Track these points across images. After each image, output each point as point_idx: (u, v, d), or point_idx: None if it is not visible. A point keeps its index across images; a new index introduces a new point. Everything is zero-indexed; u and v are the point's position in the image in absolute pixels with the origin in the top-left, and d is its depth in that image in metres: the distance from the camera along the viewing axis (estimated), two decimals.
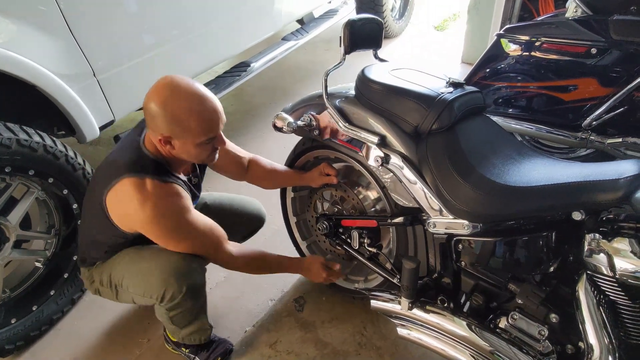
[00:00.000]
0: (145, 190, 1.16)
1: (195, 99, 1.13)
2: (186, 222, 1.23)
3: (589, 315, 0.99)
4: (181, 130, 1.14)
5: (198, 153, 1.21)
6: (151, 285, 1.27)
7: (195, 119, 1.13)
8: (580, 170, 1.03)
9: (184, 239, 1.25)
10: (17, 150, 1.44)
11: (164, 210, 1.18)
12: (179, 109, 1.11)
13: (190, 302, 1.31)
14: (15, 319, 1.60)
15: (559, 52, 1.75)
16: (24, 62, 1.51)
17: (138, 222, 1.20)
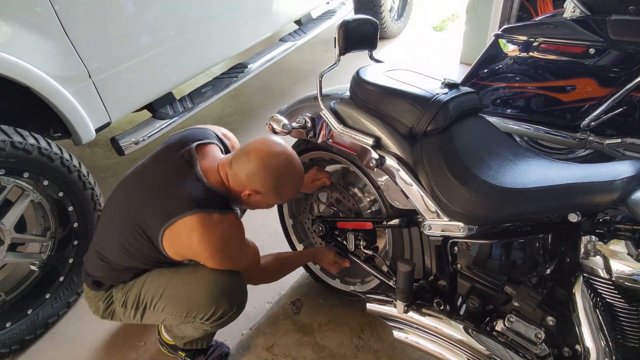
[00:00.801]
0: (213, 224, 1.17)
1: (288, 164, 1.25)
2: (245, 248, 1.31)
3: (585, 318, 0.98)
4: (277, 191, 1.26)
5: (265, 204, 1.33)
6: (198, 304, 1.25)
7: (289, 182, 1.27)
8: (576, 171, 1.02)
9: (240, 262, 1.30)
10: (11, 153, 1.43)
11: (229, 239, 1.22)
12: (277, 171, 1.23)
13: (235, 318, 1.33)
14: (10, 322, 1.59)
15: (557, 52, 1.74)
16: (18, 63, 1.50)
17: (201, 254, 1.21)
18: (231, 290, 1.27)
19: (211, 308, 1.25)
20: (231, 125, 3.09)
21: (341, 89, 1.42)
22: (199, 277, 1.27)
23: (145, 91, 2.07)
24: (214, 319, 1.27)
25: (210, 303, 1.24)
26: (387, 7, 4.01)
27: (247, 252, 1.33)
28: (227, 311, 1.27)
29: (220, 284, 1.25)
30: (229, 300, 1.26)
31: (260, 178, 1.21)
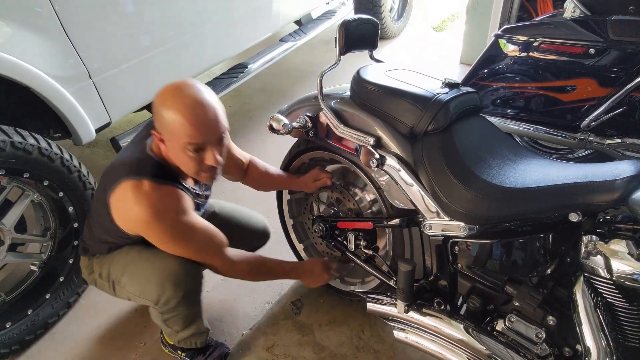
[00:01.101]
0: (142, 191, 1.14)
1: (190, 101, 1.09)
2: (184, 224, 1.20)
3: (586, 318, 0.98)
4: (165, 128, 1.11)
5: (186, 161, 1.14)
6: (148, 287, 1.27)
7: (177, 116, 1.07)
8: (576, 171, 1.02)
9: (182, 241, 1.22)
10: (11, 153, 1.43)
11: (160, 210, 1.15)
12: (172, 107, 1.08)
13: (184, 308, 1.31)
14: (10, 322, 1.59)
15: (557, 52, 1.74)
16: (19, 64, 1.50)
17: (137, 224, 1.18)
18: (179, 276, 1.24)
19: (158, 293, 1.25)
20: (231, 125, 3.06)
21: (342, 88, 1.42)
22: (155, 259, 1.26)
23: (146, 91, 2.07)
24: (161, 304, 1.27)
25: (157, 287, 1.25)
26: (387, 7, 4.01)
27: (193, 233, 1.22)
28: (172, 298, 1.25)
29: (170, 267, 1.24)
30: (173, 287, 1.23)
31: (158, 117, 1.12)
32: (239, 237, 1.56)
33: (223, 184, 2.35)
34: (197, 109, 1.09)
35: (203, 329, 1.46)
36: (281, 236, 1.87)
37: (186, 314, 1.33)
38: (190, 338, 1.45)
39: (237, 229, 1.61)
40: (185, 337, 1.44)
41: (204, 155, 1.14)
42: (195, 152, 1.12)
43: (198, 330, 1.44)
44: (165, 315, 1.31)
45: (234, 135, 2.92)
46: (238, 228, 1.62)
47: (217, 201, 1.68)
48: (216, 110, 1.12)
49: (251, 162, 1.59)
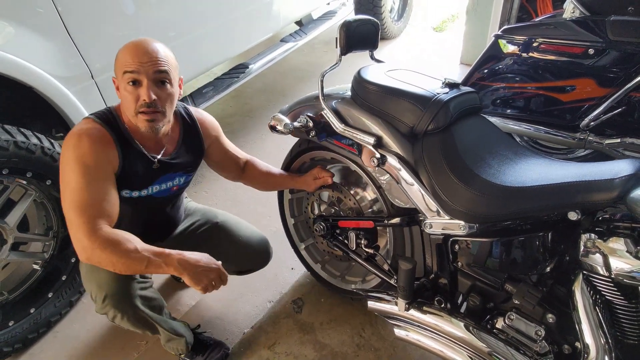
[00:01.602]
0: (83, 120, 1.21)
1: (135, 40, 1.16)
2: (88, 162, 1.13)
3: (585, 315, 0.99)
4: (115, 68, 1.16)
5: (126, 98, 1.15)
6: (87, 285, 1.26)
7: (120, 52, 1.15)
8: (575, 170, 1.03)
9: (70, 176, 1.13)
10: (14, 152, 1.44)
11: (81, 135, 1.15)
12: (120, 49, 1.16)
13: (113, 310, 1.23)
14: (13, 321, 1.60)
15: (557, 52, 1.75)
16: (22, 64, 1.51)
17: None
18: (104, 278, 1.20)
19: (89, 290, 1.25)
20: (232, 125, 3.11)
21: (342, 88, 1.43)
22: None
23: None
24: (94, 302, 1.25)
25: (89, 285, 1.24)
26: (387, 7, 4.02)
27: (86, 177, 1.12)
28: (97, 297, 1.22)
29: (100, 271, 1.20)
30: (98, 287, 1.21)
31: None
32: (236, 254, 1.52)
33: (224, 184, 2.36)
34: (137, 42, 1.15)
35: (174, 336, 1.43)
36: (282, 236, 1.88)
37: (120, 315, 1.25)
38: (168, 344, 1.47)
39: (236, 247, 1.53)
40: (164, 342, 1.46)
41: (139, 90, 1.14)
42: (132, 85, 1.13)
43: (169, 337, 1.43)
44: (106, 316, 1.27)
45: (235, 135, 2.95)
46: (237, 246, 1.53)
47: (224, 213, 1.62)
48: (157, 49, 1.16)
49: (251, 162, 1.59)
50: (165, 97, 1.17)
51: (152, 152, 1.29)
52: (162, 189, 1.35)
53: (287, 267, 1.97)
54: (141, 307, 1.27)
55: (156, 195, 1.34)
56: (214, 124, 1.47)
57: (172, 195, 1.42)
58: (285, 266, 1.97)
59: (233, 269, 1.58)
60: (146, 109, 1.14)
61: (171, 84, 1.19)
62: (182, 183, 1.41)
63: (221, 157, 1.51)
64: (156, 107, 1.15)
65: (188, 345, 1.49)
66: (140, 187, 1.29)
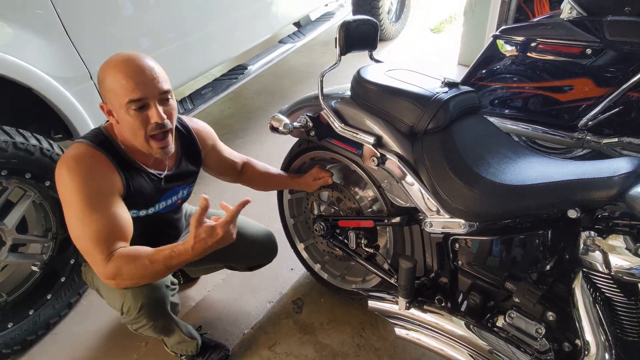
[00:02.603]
0: (73, 146, 1.13)
1: (120, 58, 1.07)
2: (89, 190, 1.07)
3: (585, 313, 0.99)
4: (107, 93, 1.08)
5: (132, 125, 1.08)
6: (114, 297, 1.24)
7: (112, 77, 1.06)
8: (575, 168, 1.03)
9: (75, 207, 1.08)
10: (13, 154, 1.44)
11: (75, 162, 1.09)
12: (108, 70, 1.07)
13: (147, 319, 1.23)
14: (12, 323, 1.60)
15: (555, 52, 1.76)
16: (21, 65, 1.51)
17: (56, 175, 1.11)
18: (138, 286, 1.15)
19: (120, 302, 1.21)
20: (231, 126, 3.11)
21: (342, 88, 1.44)
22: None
23: None
24: (125, 315, 1.23)
25: (120, 297, 1.20)
26: (385, 9, 4.04)
27: (92, 206, 1.07)
28: (132, 309, 1.20)
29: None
30: (134, 297, 1.19)
31: (100, 88, 1.11)
32: (245, 252, 1.53)
33: (223, 186, 2.36)
34: (130, 65, 1.07)
35: (188, 338, 1.45)
36: (282, 236, 1.88)
37: (152, 324, 1.26)
38: (179, 345, 1.47)
39: (244, 244, 1.50)
40: (175, 343, 1.45)
41: (147, 113, 1.09)
42: (138, 111, 1.07)
43: (182, 340, 1.44)
44: (131, 325, 1.27)
45: (234, 136, 2.95)
46: (245, 243, 1.51)
47: (220, 212, 1.63)
48: (152, 66, 1.10)
49: (248, 163, 1.59)
50: (170, 113, 1.15)
51: (153, 169, 1.27)
52: (168, 204, 1.35)
53: (286, 268, 1.96)
54: (171, 315, 1.30)
55: (162, 211, 1.35)
56: (210, 132, 1.46)
57: (176, 208, 1.43)
58: (285, 266, 1.97)
59: (244, 266, 1.61)
60: (157, 132, 1.11)
61: (173, 98, 1.17)
62: (185, 195, 1.42)
63: (218, 163, 1.51)
64: (167, 126, 1.13)
65: (198, 347, 1.50)
66: (147, 206, 1.28)
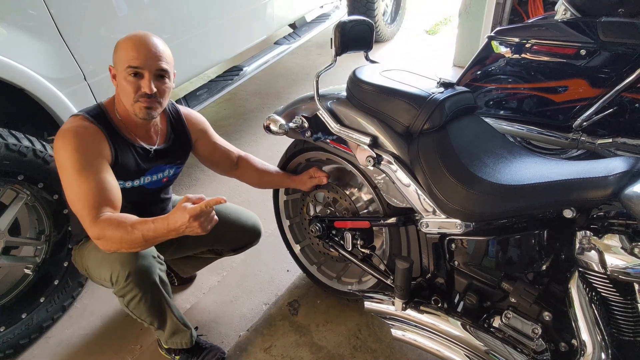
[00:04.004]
0: (70, 118, 1.25)
1: (137, 33, 1.22)
2: (83, 157, 1.17)
3: (581, 313, 0.99)
4: (115, 58, 1.22)
5: (125, 88, 1.20)
6: (102, 269, 1.28)
7: (123, 45, 1.20)
8: (570, 168, 1.04)
9: (70, 172, 1.17)
10: (5, 155, 1.42)
11: (70, 132, 1.19)
12: (123, 40, 1.21)
13: (137, 288, 1.25)
14: (4, 327, 1.58)
15: (549, 53, 1.76)
16: (13, 65, 1.50)
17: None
18: (125, 255, 1.22)
19: (109, 273, 1.25)
20: (226, 128, 3.10)
21: (337, 89, 1.43)
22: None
23: None
24: (114, 284, 1.27)
25: (108, 268, 1.25)
26: (381, 10, 4.05)
27: (84, 172, 1.16)
28: (121, 277, 1.24)
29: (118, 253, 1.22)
30: (122, 266, 1.23)
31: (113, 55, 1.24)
32: (225, 234, 1.55)
33: (219, 186, 2.36)
34: (141, 38, 1.21)
35: (183, 328, 1.45)
36: (278, 237, 1.87)
37: (141, 295, 1.27)
38: (174, 337, 1.46)
39: (226, 226, 1.52)
40: (169, 336, 1.44)
41: (140, 82, 1.20)
42: (133, 77, 1.19)
43: (177, 329, 1.43)
44: (123, 299, 1.28)
45: (229, 137, 2.94)
46: (227, 225, 1.54)
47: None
48: (161, 47, 1.23)
49: (245, 158, 1.59)
50: (163, 90, 1.25)
51: (142, 143, 1.34)
52: (153, 180, 1.41)
53: (282, 269, 1.96)
54: (160, 287, 1.31)
55: (148, 186, 1.40)
56: (200, 118, 1.53)
57: (162, 187, 1.48)
58: (280, 268, 1.96)
59: (228, 247, 1.63)
60: (144, 99, 1.22)
61: (169, 79, 1.27)
62: (171, 175, 1.47)
63: (210, 151, 1.54)
64: (155, 98, 1.23)
65: (192, 339, 1.49)
66: (132, 177, 1.34)
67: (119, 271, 1.23)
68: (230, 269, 1.98)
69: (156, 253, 1.32)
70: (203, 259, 1.76)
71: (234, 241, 1.62)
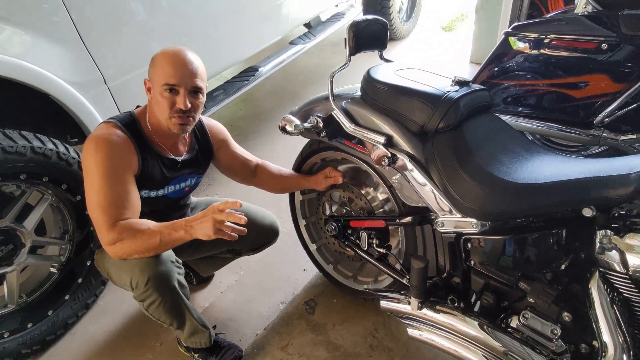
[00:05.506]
0: (101, 124, 1.30)
1: (174, 49, 1.25)
2: (109, 166, 1.20)
3: (602, 314, 0.97)
4: (152, 73, 1.25)
5: (161, 103, 1.24)
6: (123, 274, 1.30)
7: (159, 60, 1.23)
8: (590, 165, 1.01)
9: (94, 179, 1.20)
10: (31, 158, 1.47)
11: (100, 140, 1.23)
12: (158, 54, 1.26)
13: (155, 293, 1.27)
14: (32, 323, 1.63)
15: (569, 48, 1.73)
16: (38, 71, 1.55)
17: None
18: (144, 261, 1.24)
19: (129, 278, 1.27)
20: (243, 128, 3.13)
21: (352, 89, 1.44)
22: None
23: None
24: (134, 290, 1.29)
25: (128, 273, 1.27)
26: (396, 8, 4.02)
27: (109, 180, 1.19)
28: (140, 283, 1.25)
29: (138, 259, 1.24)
30: (140, 270, 1.24)
31: (149, 68, 1.28)
32: (247, 234, 1.56)
33: (235, 187, 2.38)
34: (177, 55, 1.24)
35: (201, 328, 1.47)
36: (294, 237, 1.89)
37: (161, 300, 1.29)
38: (193, 337, 1.48)
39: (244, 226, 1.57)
40: (188, 335, 1.47)
41: (176, 98, 1.24)
42: (169, 93, 1.23)
43: (196, 329, 1.45)
44: (143, 302, 1.30)
45: (245, 138, 2.97)
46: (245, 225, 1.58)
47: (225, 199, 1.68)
48: (196, 64, 1.27)
49: (262, 165, 1.62)
50: (197, 105, 1.29)
51: (169, 154, 1.38)
52: (176, 189, 1.45)
53: (299, 268, 1.97)
54: (179, 291, 1.33)
55: (170, 195, 1.44)
56: (221, 128, 1.56)
57: (184, 195, 1.51)
58: (297, 267, 1.97)
59: (247, 247, 1.65)
60: (180, 114, 1.25)
61: (203, 94, 1.31)
62: (193, 184, 1.50)
63: (230, 160, 1.58)
64: (189, 113, 1.27)
65: (211, 339, 1.52)
66: (157, 187, 1.38)
67: (139, 276, 1.25)
68: (248, 268, 2.00)
69: (174, 257, 1.33)
70: (222, 258, 1.78)
71: (253, 241, 1.63)
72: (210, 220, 1.13)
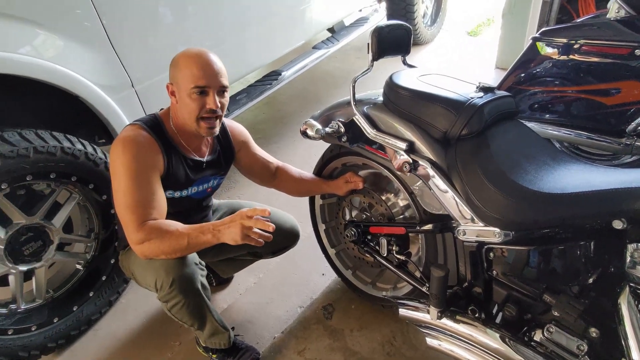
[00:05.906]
0: (128, 126, 1.32)
1: (195, 51, 1.27)
2: (136, 166, 1.23)
3: (632, 331, 0.93)
4: (177, 76, 1.26)
5: (190, 106, 1.26)
6: (147, 275, 1.31)
7: (184, 63, 1.25)
8: (620, 176, 0.98)
9: (122, 180, 1.22)
10: (61, 158, 1.52)
11: (128, 141, 1.25)
12: (184, 59, 1.26)
13: (179, 295, 1.29)
14: (58, 318, 1.68)
15: (600, 54, 1.67)
16: (70, 74, 1.60)
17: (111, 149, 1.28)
18: (169, 263, 1.25)
19: (154, 279, 1.28)
20: (265, 132, 3.16)
21: (374, 94, 1.43)
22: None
23: None
24: (158, 291, 1.30)
25: (153, 274, 1.28)
26: (421, 12, 3.99)
27: (136, 180, 1.22)
28: (165, 284, 1.26)
29: (163, 260, 1.25)
30: (166, 273, 1.25)
31: (170, 70, 1.30)
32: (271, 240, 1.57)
33: (256, 189, 2.40)
34: (202, 57, 1.26)
35: (221, 330, 1.48)
36: (313, 241, 1.89)
37: (184, 301, 1.31)
38: (212, 338, 1.49)
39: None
40: (208, 336, 1.48)
41: (206, 99, 1.26)
42: (199, 95, 1.25)
43: (216, 330, 1.47)
44: (167, 303, 1.32)
45: (267, 141, 2.99)
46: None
47: (247, 202, 1.73)
48: (219, 63, 1.29)
49: (282, 168, 1.63)
50: (224, 104, 1.33)
51: (193, 155, 1.41)
52: (199, 190, 1.47)
53: (317, 273, 1.97)
54: (202, 293, 1.35)
55: (193, 196, 1.46)
56: (242, 129, 1.58)
57: (206, 196, 1.54)
58: (315, 271, 1.97)
59: (267, 251, 1.66)
60: (210, 115, 1.28)
61: (228, 94, 1.35)
62: (215, 185, 1.52)
63: (251, 162, 1.59)
64: (218, 112, 1.30)
65: (230, 340, 1.53)
66: (181, 188, 1.40)
67: (164, 278, 1.26)
68: (267, 271, 2.01)
69: (198, 260, 1.35)
70: (241, 260, 1.80)
71: (274, 244, 1.60)
72: (239, 225, 1.14)
